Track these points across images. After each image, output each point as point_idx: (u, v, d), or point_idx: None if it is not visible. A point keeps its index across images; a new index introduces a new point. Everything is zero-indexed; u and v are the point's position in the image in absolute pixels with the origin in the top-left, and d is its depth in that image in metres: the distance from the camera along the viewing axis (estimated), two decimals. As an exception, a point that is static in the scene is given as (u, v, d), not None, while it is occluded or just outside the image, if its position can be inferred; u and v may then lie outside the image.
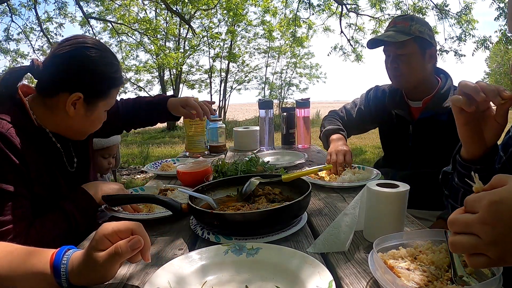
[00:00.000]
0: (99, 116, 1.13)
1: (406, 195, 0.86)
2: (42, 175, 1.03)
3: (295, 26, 9.07)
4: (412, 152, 1.64)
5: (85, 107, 1.07)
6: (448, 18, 7.56)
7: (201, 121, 2.04)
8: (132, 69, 13.02)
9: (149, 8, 11.63)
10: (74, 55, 1.04)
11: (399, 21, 1.58)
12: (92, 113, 1.09)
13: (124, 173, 5.70)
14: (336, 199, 1.23)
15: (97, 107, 1.10)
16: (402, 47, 1.52)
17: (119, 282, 0.74)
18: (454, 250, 0.50)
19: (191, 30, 9.95)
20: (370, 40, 1.63)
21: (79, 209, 1.04)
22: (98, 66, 1.05)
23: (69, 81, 1.03)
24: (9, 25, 8.87)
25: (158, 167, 1.80)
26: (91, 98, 1.07)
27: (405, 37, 1.49)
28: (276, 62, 15.59)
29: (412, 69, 1.54)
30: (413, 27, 1.51)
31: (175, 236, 0.97)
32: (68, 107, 1.04)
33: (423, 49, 1.53)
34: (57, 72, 1.04)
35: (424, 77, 1.57)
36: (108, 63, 1.08)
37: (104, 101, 1.11)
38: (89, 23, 9.02)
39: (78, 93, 1.03)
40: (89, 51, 1.04)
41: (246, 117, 16.72)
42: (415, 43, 1.51)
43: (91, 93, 1.06)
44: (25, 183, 0.97)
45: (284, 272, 0.73)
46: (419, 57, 1.53)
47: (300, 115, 2.13)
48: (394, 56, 1.56)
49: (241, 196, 1.11)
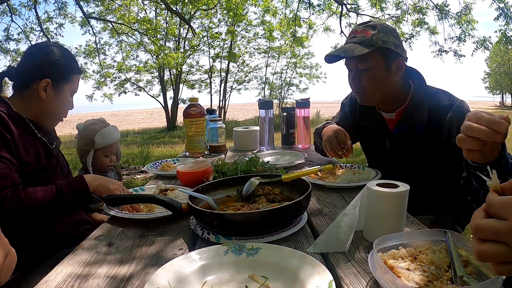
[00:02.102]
0: (66, 99, 1.35)
1: (406, 195, 0.87)
2: (26, 144, 1.21)
3: (295, 26, 9.06)
4: (390, 166, 1.53)
5: (54, 90, 1.30)
6: (448, 18, 7.56)
7: (201, 120, 2.04)
8: (132, 69, 13.02)
9: (149, 8, 11.64)
10: (40, 51, 1.34)
11: (359, 30, 1.37)
12: (59, 96, 1.32)
13: (124, 173, 5.69)
14: (336, 199, 1.23)
15: (63, 90, 1.33)
16: (363, 61, 1.33)
17: (119, 281, 0.74)
18: (482, 259, 0.47)
19: (191, 30, 9.95)
20: (327, 55, 1.43)
21: (69, 185, 1.13)
22: (59, 57, 1.32)
23: (39, 70, 1.28)
24: (9, 25, 8.85)
25: (158, 167, 1.80)
26: (57, 83, 1.30)
27: (366, 49, 1.29)
28: (276, 62, 15.60)
29: (376, 85, 1.36)
30: (374, 36, 1.31)
31: (175, 236, 0.97)
32: (40, 92, 1.27)
33: (388, 61, 1.34)
34: (29, 66, 1.31)
35: (391, 91, 1.40)
36: (66, 55, 1.35)
37: (68, 85, 1.34)
38: (89, 23, 9.02)
39: (46, 79, 1.27)
40: (49, 47, 1.34)
41: (246, 117, 16.72)
42: (378, 55, 1.32)
43: (57, 79, 1.30)
44: (9, 150, 1.14)
45: (284, 272, 0.73)
46: (383, 70, 1.34)
47: (300, 115, 2.13)
48: (356, 71, 1.38)
49: (241, 196, 1.11)
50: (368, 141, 1.69)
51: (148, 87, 14.15)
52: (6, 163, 1.11)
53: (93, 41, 10.23)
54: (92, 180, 1.17)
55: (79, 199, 1.14)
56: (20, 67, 1.32)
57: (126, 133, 12.69)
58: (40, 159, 1.25)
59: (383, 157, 1.56)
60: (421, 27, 7.94)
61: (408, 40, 8.00)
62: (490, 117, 0.73)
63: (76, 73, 1.37)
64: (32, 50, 1.37)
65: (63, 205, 1.10)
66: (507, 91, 35.73)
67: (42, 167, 1.25)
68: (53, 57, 1.31)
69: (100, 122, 1.97)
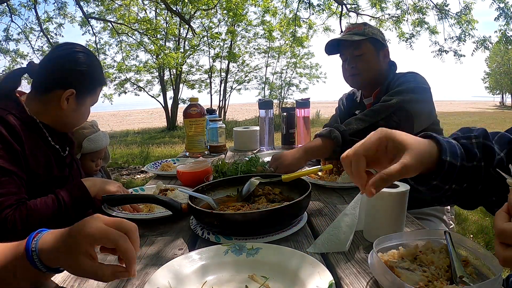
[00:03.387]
0: (87, 111, 1.30)
1: (406, 195, 0.87)
2: (36, 153, 1.14)
3: (295, 26, 9.06)
4: None
5: (76, 102, 1.23)
6: (448, 18, 7.56)
7: (201, 120, 2.04)
8: (132, 69, 13.01)
9: (149, 8, 11.63)
10: (67, 58, 1.22)
11: (352, 27, 1.68)
12: (81, 108, 1.26)
13: (124, 173, 5.70)
14: (336, 199, 1.23)
15: (85, 102, 1.27)
16: (358, 47, 1.60)
17: (119, 281, 0.74)
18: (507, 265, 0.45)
19: (191, 30, 9.94)
20: (328, 42, 1.68)
21: (70, 195, 1.09)
22: (87, 68, 1.23)
23: (63, 79, 1.20)
24: (9, 25, 8.85)
25: (158, 167, 1.80)
26: (81, 94, 1.23)
27: (361, 37, 1.58)
28: (276, 62, 15.59)
29: (368, 68, 1.62)
30: (366, 30, 1.61)
31: (175, 236, 0.97)
32: (62, 102, 1.19)
33: (377, 49, 1.63)
34: (52, 72, 1.21)
35: (378, 76, 1.65)
36: (95, 65, 1.27)
37: (91, 98, 1.28)
38: (89, 23, 9.02)
39: (71, 89, 1.19)
40: (78, 55, 1.23)
41: (246, 117, 16.72)
42: (370, 44, 1.61)
43: (82, 90, 1.23)
44: (18, 162, 1.08)
45: (284, 272, 0.73)
46: (374, 56, 1.62)
47: (300, 115, 2.13)
48: (351, 58, 1.64)
49: (241, 196, 1.11)
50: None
51: (148, 87, 14.16)
52: (13, 177, 1.05)
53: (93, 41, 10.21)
54: (91, 185, 1.13)
55: (81, 207, 1.11)
56: (43, 69, 1.22)
57: (126, 133, 12.70)
58: (51, 169, 1.20)
59: None
60: (421, 27, 7.95)
61: (408, 40, 8.00)
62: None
63: (100, 85, 1.31)
64: (60, 53, 1.23)
65: (66, 215, 1.07)
66: (507, 91, 35.74)
67: (53, 178, 1.19)
68: (81, 67, 1.22)
69: (91, 127, 1.93)
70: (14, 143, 1.07)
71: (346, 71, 1.69)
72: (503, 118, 14.80)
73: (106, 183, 1.17)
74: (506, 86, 34.37)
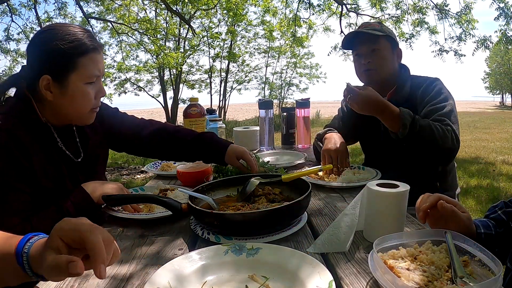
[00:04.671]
0: (79, 91, 1.08)
1: (406, 195, 0.87)
2: (46, 167, 1.06)
3: (295, 26, 9.05)
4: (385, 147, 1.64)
5: (58, 86, 1.06)
6: (448, 18, 7.55)
7: (201, 120, 2.04)
8: (132, 69, 13.01)
9: (149, 8, 11.62)
10: (33, 43, 1.08)
11: (368, 24, 1.69)
12: (67, 90, 1.07)
13: (124, 173, 5.69)
14: (336, 199, 1.23)
15: (69, 82, 1.06)
16: (376, 42, 1.60)
17: (119, 281, 0.74)
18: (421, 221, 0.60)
19: (191, 30, 9.93)
20: (347, 34, 1.68)
21: (75, 207, 1.05)
22: (52, 43, 1.03)
23: (35, 66, 1.06)
24: (9, 25, 8.83)
25: (158, 167, 1.80)
26: (58, 76, 1.05)
27: (380, 33, 1.59)
28: (276, 62, 15.57)
29: (384, 63, 1.62)
30: (383, 27, 1.64)
31: (175, 236, 0.97)
32: (44, 93, 1.05)
33: (393, 47, 1.64)
34: (29, 63, 1.09)
35: (391, 74, 1.65)
36: (63, 36, 1.04)
37: (75, 74, 1.06)
38: (89, 23, 9.00)
39: (45, 76, 1.04)
40: (43, 34, 1.07)
41: (246, 117, 16.70)
42: (386, 41, 1.62)
43: (56, 71, 1.05)
44: (25, 178, 1.01)
45: (284, 272, 0.73)
46: (390, 53, 1.63)
47: (300, 115, 2.13)
48: (367, 52, 1.63)
49: (241, 196, 1.11)
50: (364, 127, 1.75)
51: (148, 87, 14.14)
52: (20, 194, 1.00)
53: (93, 41, 10.19)
54: (93, 191, 1.09)
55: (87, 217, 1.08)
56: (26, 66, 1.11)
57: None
58: (63, 183, 1.12)
59: (378, 140, 1.68)
60: (421, 27, 7.93)
61: (408, 40, 7.99)
62: None
63: (81, 55, 1.06)
64: (31, 41, 1.10)
65: None
66: (507, 91, 35.72)
67: (64, 191, 1.10)
68: (44, 47, 1.04)
69: None
70: (23, 159, 1.00)
71: (361, 66, 1.66)
72: (503, 118, 14.79)
73: (105, 187, 1.14)
74: (506, 86, 34.36)
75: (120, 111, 1.43)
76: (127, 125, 1.38)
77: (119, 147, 1.41)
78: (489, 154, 6.46)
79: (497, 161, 5.84)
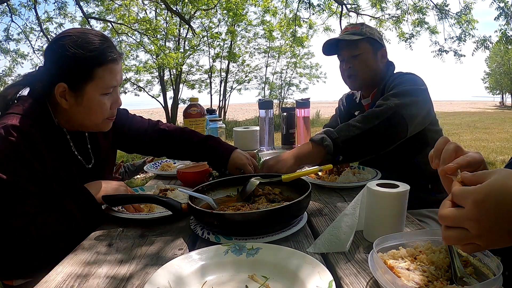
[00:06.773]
0: (95, 101, 1.08)
1: (406, 195, 0.86)
2: (59, 171, 1.07)
3: (295, 26, 9.05)
4: None
5: (73, 95, 1.06)
6: (448, 18, 7.55)
7: (201, 120, 2.04)
8: (132, 69, 13.01)
9: (149, 8, 11.63)
10: (51, 48, 1.07)
11: (349, 27, 1.69)
12: (82, 100, 1.07)
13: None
14: (336, 199, 1.23)
15: (85, 92, 1.06)
16: (356, 47, 1.59)
17: (119, 281, 0.74)
18: (447, 242, 0.56)
19: (191, 30, 9.93)
20: (326, 42, 1.67)
21: (80, 208, 1.05)
22: (70, 51, 1.02)
23: (53, 74, 1.05)
24: (9, 25, 8.84)
25: (158, 167, 1.80)
26: (75, 85, 1.05)
27: (358, 37, 1.58)
28: (276, 62, 15.60)
29: (366, 68, 1.62)
30: (363, 30, 1.61)
31: (175, 236, 0.97)
32: (59, 100, 1.06)
33: (375, 49, 1.62)
34: (45, 67, 1.08)
35: (376, 76, 1.64)
36: (82, 45, 1.03)
37: (91, 84, 1.06)
38: (89, 23, 9.00)
39: (61, 84, 1.04)
40: (62, 40, 1.04)
41: (246, 117, 16.71)
42: (367, 44, 1.60)
43: (72, 80, 1.04)
44: (36, 181, 1.01)
45: (284, 272, 0.73)
46: (371, 56, 1.62)
47: (300, 115, 2.13)
48: (349, 58, 1.63)
49: (241, 196, 1.11)
50: None
51: (148, 87, 14.15)
52: (27, 196, 0.98)
53: (93, 41, 10.18)
54: (96, 192, 1.09)
55: (91, 218, 1.07)
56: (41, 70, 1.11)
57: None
58: (72, 187, 1.11)
59: None
60: (421, 27, 7.93)
61: (408, 40, 7.99)
62: None
63: (100, 65, 1.05)
64: (49, 45, 1.09)
65: (77, 229, 1.03)
66: (507, 91, 35.72)
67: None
68: (64, 53, 1.02)
69: None
70: (35, 161, 1.00)
71: (343, 71, 1.68)
72: (503, 118, 14.80)
73: (108, 187, 1.14)
74: (506, 86, 34.36)
75: (130, 112, 1.45)
76: (137, 126, 1.42)
77: (129, 148, 1.44)
78: (489, 154, 6.46)
79: (497, 161, 5.84)
